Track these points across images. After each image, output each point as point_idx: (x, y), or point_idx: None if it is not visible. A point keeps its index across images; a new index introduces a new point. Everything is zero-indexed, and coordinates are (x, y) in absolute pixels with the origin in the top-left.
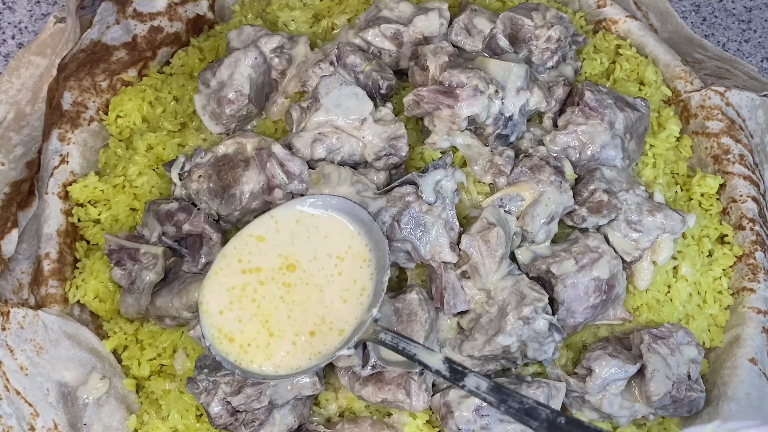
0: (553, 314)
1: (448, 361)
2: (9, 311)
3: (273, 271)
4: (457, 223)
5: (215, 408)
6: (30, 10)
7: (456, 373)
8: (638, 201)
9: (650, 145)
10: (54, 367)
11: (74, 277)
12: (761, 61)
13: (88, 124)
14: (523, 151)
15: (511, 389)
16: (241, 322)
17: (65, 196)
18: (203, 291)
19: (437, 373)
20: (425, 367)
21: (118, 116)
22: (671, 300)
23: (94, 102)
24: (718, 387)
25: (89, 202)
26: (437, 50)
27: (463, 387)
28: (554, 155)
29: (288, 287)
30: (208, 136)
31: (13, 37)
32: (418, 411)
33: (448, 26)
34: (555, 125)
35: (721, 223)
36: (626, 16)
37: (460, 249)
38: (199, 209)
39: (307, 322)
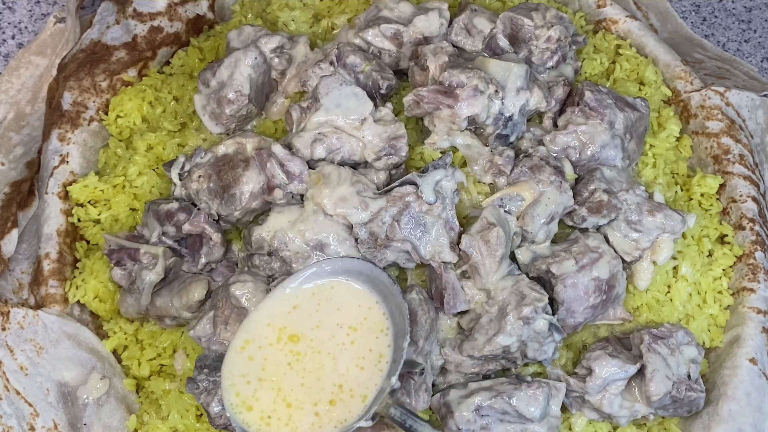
0: (553, 314)
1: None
2: (9, 311)
3: (268, 339)
4: (457, 223)
5: (215, 408)
6: (30, 10)
7: None
8: (638, 201)
9: (650, 145)
10: (54, 367)
11: (74, 277)
12: (761, 61)
13: (88, 124)
14: (523, 151)
15: None
16: (250, 384)
17: (65, 196)
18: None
19: None
20: None
21: (118, 116)
22: (671, 300)
23: (94, 102)
24: (718, 387)
25: (89, 202)
26: (437, 50)
27: None
28: (554, 155)
29: (297, 355)
30: (208, 136)
31: (13, 37)
32: (419, 411)
33: (448, 26)
34: (555, 125)
35: (721, 223)
36: (626, 16)
37: (460, 249)
38: (199, 209)
39: (324, 390)
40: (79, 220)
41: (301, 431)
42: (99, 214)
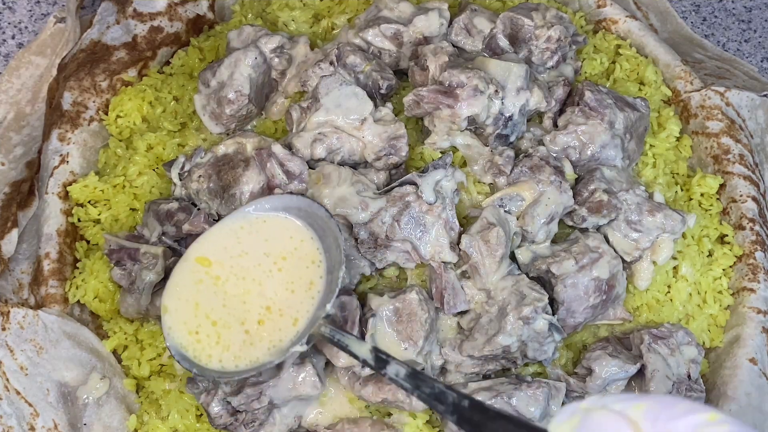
0: (553, 314)
1: (375, 350)
2: (9, 311)
3: (189, 266)
4: (457, 223)
5: (215, 408)
6: (30, 10)
7: (380, 362)
8: (638, 201)
9: (650, 145)
10: (54, 367)
11: (74, 277)
12: (761, 61)
13: (88, 124)
14: (523, 151)
15: (426, 375)
16: (177, 308)
17: (65, 196)
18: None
19: (364, 362)
20: (354, 356)
21: (118, 116)
22: (671, 300)
23: (94, 102)
24: (718, 387)
25: (89, 202)
26: (437, 50)
27: (384, 375)
28: (554, 155)
29: (215, 279)
30: (208, 136)
31: (13, 37)
32: (418, 411)
33: (448, 26)
34: (555, 125)
35: (721, 223)
36: (626, 16)
37: (460, 249)
38: (199, 209)
39: (250, 312)
40: (79, 220)
41: (234, 350)
42: (99, 214)
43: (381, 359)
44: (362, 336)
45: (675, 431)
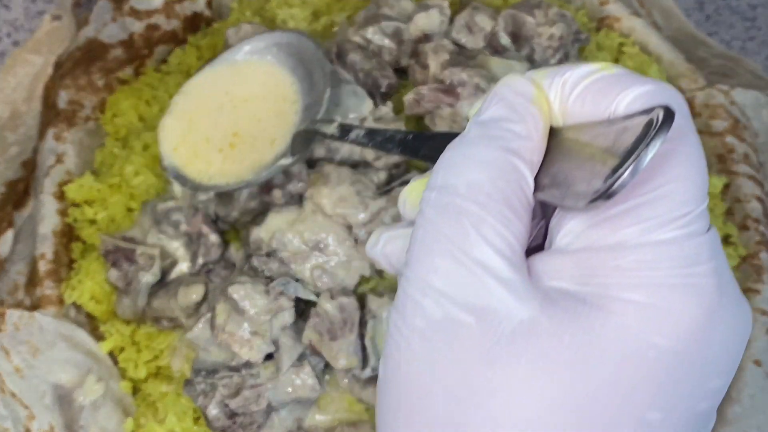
0: None
1: (340, 125)
2: (5, 312)
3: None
4: None
5: (213, 411)
6: (26, 8)
7: (344, 131)
8: None
9: None
10: (50, 369)
11: (70, 278)
12: (766, 59)
13: (84, 123)
14: None
15: (382, 129)
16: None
17: (61, 196)
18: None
19: (332, 137)
20: (323, 136)
21: (114, 115)
22: None
23: (90, 100)
24: None
25: (85, 202)
26: (438, 48)
27: (347, 140)
28: None
29: (174, 104)
30: None
31: (8, 35)
32: None
33: (449, 24)
34: None
35: (725, 224)
36: (629, 14)
37: None
38: (196, 209)
39: (223, 139)
40: (75, 221)
41: (216, 167)
42: (95, 214)
43: (345, 129)
44: (362, 338)
45: (568, 81)
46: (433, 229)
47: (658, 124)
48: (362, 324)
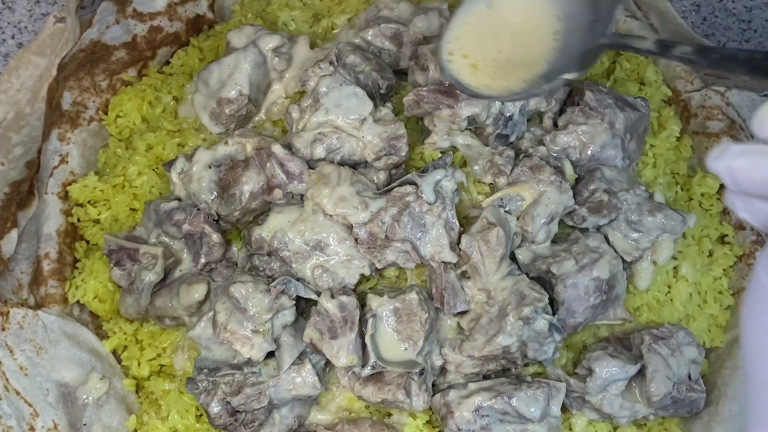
0: (554, 314)
1: (659, 40)
2: (9, 311)
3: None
4: (457, 223)
5: (215, 408)
6: (30, 10)
7: (664, 48)
8: (638, 201)
9: (650, 145)
10: (54, 367)
11: (74, 277)
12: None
13: (88, 124)
14: (523, 151)
15: (714, 45)
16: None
17: (65, 196)
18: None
19: (648, 52)
20: (636, 51)
21: (117, 116)
22: (671, 300)
23: (93, 102)
24: (719, 387)
25: (89, 202)
26: (437, 50)
27: (670, 57)
28: (554, 155)
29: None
30: (207, 136)
31: (12, 37)
32: (418, 411)
33: None
34: (555, 125)
35: (721, 223)
36: (627, 16)
37: (460, 249)
38: (198, 209)
39: (492, 53)
40: (78, 220)
41: (484, 80)
42: (99, 214)
43: (665, 45)
44: (362, 336)
45: None
46: None
47: None
48: (362, 322)
